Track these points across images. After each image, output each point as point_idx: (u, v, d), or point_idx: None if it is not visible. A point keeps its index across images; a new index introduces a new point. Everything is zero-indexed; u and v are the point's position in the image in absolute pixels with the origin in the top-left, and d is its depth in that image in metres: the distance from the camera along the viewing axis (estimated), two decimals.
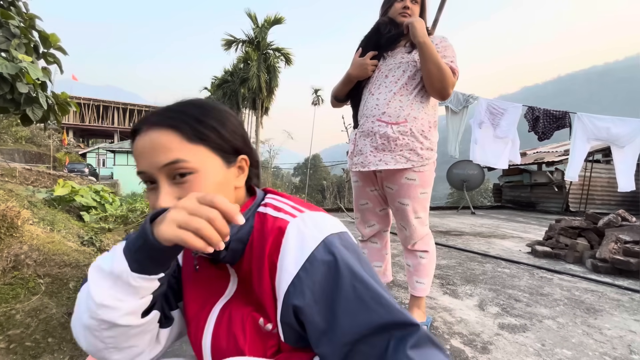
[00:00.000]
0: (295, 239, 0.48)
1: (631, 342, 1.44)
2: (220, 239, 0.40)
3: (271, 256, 0.49)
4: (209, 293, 0.56)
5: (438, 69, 1.27)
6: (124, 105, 35.91)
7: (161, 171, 0.47)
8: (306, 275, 0.45)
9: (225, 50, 21.02)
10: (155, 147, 0.47)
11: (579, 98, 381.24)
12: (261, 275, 0.49)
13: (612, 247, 2.60)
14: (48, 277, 1.96)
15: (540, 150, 9.30)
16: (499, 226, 5.01)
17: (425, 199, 1.46)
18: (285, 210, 0.53)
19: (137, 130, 0.50)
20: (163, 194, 0.46)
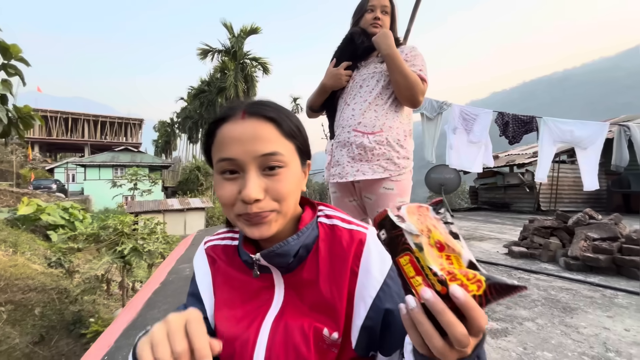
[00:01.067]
0: (375, 249, 0.52)
1: (606, 339, 1.49)
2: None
3: (353, 265, 0.51)
4: (253, 307, 0.54)
5: (404, 79, 1.29)
6: (94, 117, 34.44)
7: (255, 160, 0.47)
8: (392, 282, 0.50)
9: (201, 60, 20.75)
10: (256, 136, 0.48)
11: (543, 102, 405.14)
12: (337, 283, 0.51)
13: (582, 244, 2.72)
14: (10, 304, 1.79)
15: (512, 153, 9.73)
16: (477, 228, 5.15)
17: None
18: (352, 221, 0.56)
19: (227, 117, 0.50)
20: (253, 184, 0.46)
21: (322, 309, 0.51)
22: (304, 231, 0.53)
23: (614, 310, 1.83)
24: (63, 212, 10.47)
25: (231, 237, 0.62)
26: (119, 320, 2.11)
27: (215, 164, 0.50)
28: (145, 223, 7.03)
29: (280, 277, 0.54)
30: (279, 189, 0.48)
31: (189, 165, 30.50)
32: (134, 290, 7.34)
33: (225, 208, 0.50)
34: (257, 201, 0.47)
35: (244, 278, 0.56)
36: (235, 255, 0.59)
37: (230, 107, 0.52)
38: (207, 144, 0.53)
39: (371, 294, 0.49)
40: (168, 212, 18.25)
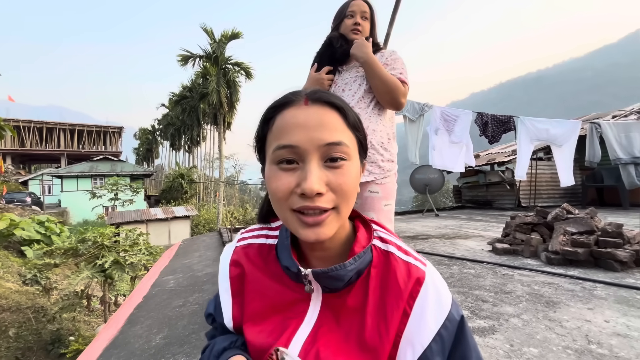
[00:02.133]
0: (433, 293, 0.47)
1: (588, 332, 1.53)
2: None
3: (406, 305, 0.46)
4: (285, 317, 0.49)
5: (383, 83, 1.31)
6: (71, 126, 33.23)
7: (319, 150, 0.44)
8: (447, 333, 0.45)
9: (181, 66, 20.41)
10: (323, 123, 0.44)
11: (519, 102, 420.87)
12: (387, 321, 0.46)
13: (561, 239, 2.81)
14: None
15: (492, 152, 10.02)
16: (462, 226, 5.25)
17: (389, 210, 1.46)
18: (409, 252, 0.52)
19: (288, 103, 0.46)
20: (315, 176, 0.42)
21: (362, 345, 0.46)
22: (361, 255, 0.48)
23: (594, 302, 1.89)
24: (38, 226, 10.01)
25: (266, 235, 0.57)
26: (99, 339, 2.01)
27: (271, 152, 0.45)
28: (127, 234, 6.81)
29: (320, 294, 0.49)
30: (341, 183, 0.44)
31: (172, 173, 29.85)
32: (116, 304, 7.07)
33: (278, 202, 0.45)
34: (318, 195, 0.42)
35: (279, 287, 0.51)
36: (271, 257, 0.53)
37: (291, 93, 0.48)
38: (262, 131, 0.49)
39: (423, 343, 0.44)
40: (151, 222, 17.77)
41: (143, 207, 22.54)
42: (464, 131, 4.11)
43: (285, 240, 0.51)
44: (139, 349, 1.72)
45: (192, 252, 4.53)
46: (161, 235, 17.36)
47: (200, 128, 31.82)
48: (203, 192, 31.34)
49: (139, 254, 6.23)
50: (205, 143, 35.59)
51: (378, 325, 0.46)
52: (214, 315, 0.58)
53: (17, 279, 7.38)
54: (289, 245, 0.49)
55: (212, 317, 0.58)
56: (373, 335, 0.45)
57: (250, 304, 0.51)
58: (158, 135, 40.21)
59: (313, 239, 0.43)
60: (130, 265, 5.83)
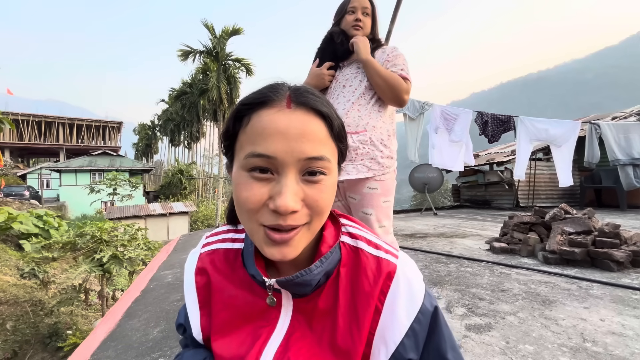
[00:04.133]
0: (405, 286, 0.45)
1: (583, 330, 1.54)
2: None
3: (379, 299, 0.44)
4: (255, 326, 0.47)
5: (384, 81, 1.31)
6: (70, 120, 33.13)
7: (298, 163, 0.39)
8: (420, 327, 0.44)
9: (182, 61, 20.32)
10: (305, 133, 0.39)
11: (520, 102, 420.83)
12: (358, 321, 0.44)
13: (558, 239, 2.82)
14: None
15: (491, 152, 10.03)
16: (460, 225, 5.27)
17: (388, 207, 1.46)
18: (380, 245, 0.49)
19: (267, 102, 0.40)
20: (291, 193, 0.38)
21: (335, 348, 0.44)
22: (328, 256, 0.45)
23: (590, 301, 1.90)
24: (37, 220, 9.99)
25: (232, 239, 0.53)
26: (96, 332, 2.02)
27: (243, 158, 0.40)
28: (126, 229, 6.81)
29: (290, 299, 0.47)
30: (318, 200, 0.40)
31: (171, 169, 29.83)
32: (114, 299, 7.08)
33: (246, 214, 0.40)
34: (292, 213, 0.39)
35: (247, 294, 0.48)
36: (237, 263, 0.50)
37: (271, 89, 0.42)
38: (233, 129, 0.43)
39: (395, 339, 0.43)
40: (150, 217, 17.77)
41: (142, 202, 22.52)
42: (464, 130, 4.11)
43: (250, 246, 0.47)
44: (137, 341, 1.72)
45: (190, 247, 4.52)
46: (159, 230, 17.36)
47: (199, 124, 31.75)
48: (202, 189, 31.32)
49: (137, 248, 6.23)
50: (204, 139, 35.54)
51: (350, 326, 0.44)
52: (184, 325, 0.55)
53: (14, 272, 7.37)
54: (252, 253, 0.46)
55: (183, 327, 0.56)
56: (345, 337, 0.44)
57: (218, 315, 0.48)
58: (157, 130, 40.11)
59: (278, 258, 0.40)
60: (128, 260, 5.83)
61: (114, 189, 17.73)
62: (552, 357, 1.31)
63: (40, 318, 6.16)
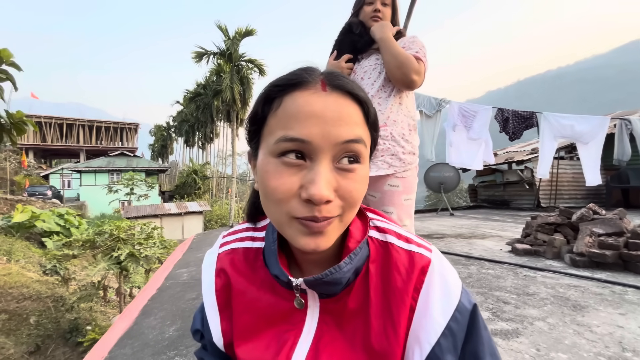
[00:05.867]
0: (439, 281, 0.42)
1: (621, 338, 1.44)
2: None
3: (413, 297, 0.42)
4: (280, 330, 0.44)
5: (394, 57, 1.24)
6: (89, 122, 34.28)
7: (333, 149, 0.36)
8: (457, 327, 0.40)
9: (196, 63, 20.66)
10: (342, 116, 0.37)
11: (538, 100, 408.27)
12: (394, 320, 0.41)
13: (587, 240, 2.68)
14: (4, 313, 1.72)
15: (510, 150, 9.72)
16: (478, 226, 5.11)
17: (409, 205, 1.40)
18: (411, 239, 0.46)
19: (300, 84, 0.38)
20: (325, 180, 0.35)
21: (370, 351, 0.41)
22: (357, 252, 0.42)
23: (626, 307, 1.78)
24: (58, 219, 10.34)
25: (251, 238, 0.50)
26: (113, 329, 2.03)
27: (274, 143, 0.37)
28: (142, 228, 6.94)
29: (317, 299, 0.44)
30: (352, 191, 0.37)
31: (186, 169, 30.37)
32: (131, 296, 7.23)
33: (276, 205, 0.37)
34: (326, 203, 0.36)
35: (270, 296, 0.45)
36: (258, 263, 0.47)
37: (304, 71, 0.39)
38: (262, 112, 0.40)
39: (430, 340, 0.40)
40: (165, 217, 18.15)
41: (157, 202, 23.03)
42: (483, 127, 3.96)
43: (272, 245, 0.44)
44: (153, 340, 1.72)
45: (205, 246, 4.56)
46: (175, 230, 17.69)
47: (213, 125, 32.19)
48: (216, 189, 31.77)
49: (153, 247, 6.34)
50: (218, 140, 36.02)
51: (384, 326, 0.41)
52: (202, 331, 0.52)
53: (37, 269, 7.64)
54: (276, 251, 0.43)
55: (200, 333, 0.52)
56: (380, 338, 0.41)
57: (240, 318, 0.46)
58: (172, 131, 40.93)
59: (312, 248, 0.37)
60: (144, 258, 5.93)
61: (131, 189, 18.16)
62: None
63: (62, 314, 6.34)
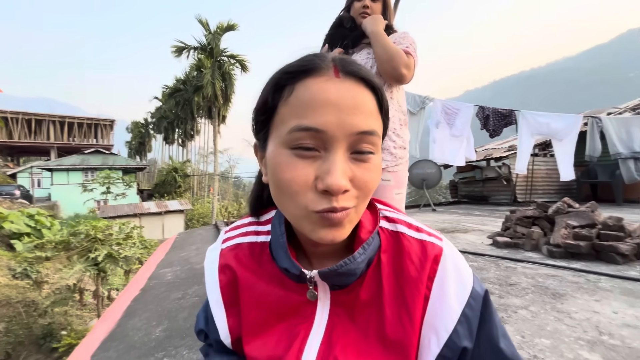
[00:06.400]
0: (453, 269, 0.42)
1: (597, 322, 1.52)
2: None
3: (427, 285, 0.42)
4: (291, 324, 0.43)
5: (385, 51, 1.25)
6: (60, 118, 32.53)
7: (348, 138, 0.36)
8: (472, 313, 0.41)
9: (175, 57, 20.06)
10: (357, 104, 0.36)
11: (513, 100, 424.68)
12: (409, 309, 0.41)
13: (563, 232, 2.81)
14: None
15: (488, 147, 10.06)
16: (460, 221, 5.26)
17: (400, 199, 1.41)
18: (422, 228, 0.46)
19: (312, 70, 0.36)
20: (341, 170, 0.35)
21: (385, 340, 0.41)
22: (370, 242, 0.42)
23: (600, 294, 1.88)
24: (28, 220, 9.78)
25: (255, 232, 0.49)
26: (95, 332, 1.94)
27: (287, 133, 0.36)
28: (121, 227, 6.69)
29: (328, 291, 0.43)
30: (368, 181, 0.37)
31: (165, 167, 29.50)
32: (109, 299, 6.96)
33: (292, 198, 0.36)
34: (343, 192, 0.35)
35: (279, 291, 0.44)
36: (265, 257, 0.46)
37: (316, 56, 0.38)
38: (272, 101, 0.38)
39: (447, 327, 0.40)
40: (145, 216, 17.58)
41: (136, 201, 22.25)
42: (465, 125, 4.08)
43: (280, 237, 0.43)
44: (139, 341, 1.66)
45: (188, 245, 4.45)
46: (155, 229, 17.17)
47: (194, 121, 31.42)
48: (197, 187, 31.07)
49: (132, 247, 6.13)
50: (199, 137, 35.22)
51: (399, 315, 0.41)
52: (206, 331, 0.51)
53: (6, 272, 7.21)
54: (285, 244, 0.42)
55: (205, 333, 0.51)
56: (395, 327, 0.41)
57: (249, 314, 0.45)
58: (151, 128, 39.63)
59: (329, 240, 0.37)
60: (124, 258, 5.73)
61: (107, 188, 17.48)
62: (570, 351, 1.28)
63: (34, 319, 6.03)
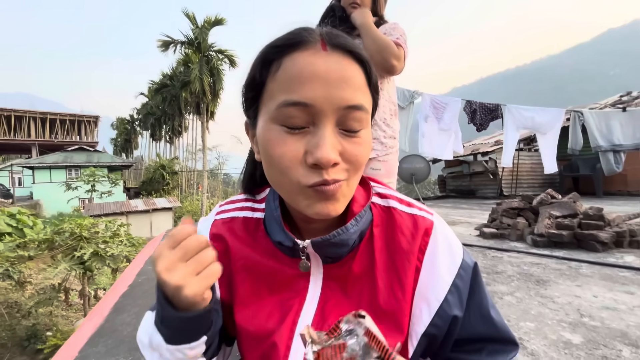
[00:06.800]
0: (444, 242, 0.44)
1: (579, 306, 1.58)
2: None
3: (418, 257, 0.43)
4: (283, 298, 0.44)
5: (374, 42, 1.26)
6: (42, 114, 31.46)
7: (337, 112, 0.35)
8: (462, 283, 0.43)
9: (162, 52, 19.62)
10: (345, 77, 0.36)
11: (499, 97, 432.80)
12: (401, 280, 0.42)
13: (546, 222, 2.90)
14: None
15: (475, 142, 10.25)
16: (448, 214, 5.35)
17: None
18: (413, 203, 0.47)
19: (299, 44, 0.36)
20: (330, 143, 0.35)
21: (378, 310, 0.41)
22: (362, 214, 0.42)
23: (581, 279, 1.95)
24: (9, 219, 9.44)
25: (251, 208, 0.49)
26: (83, 328, 1.91)
27: (275, 108, 0.35)
28: (107, 225, 6.55)
29: (320, 266, 0.44)
30: (357, 155, 0.37)
31: (152, 164, 28.92)
32: (96, 298, 6.82)
33: (283, 173, 0.36)
34: (333, 165, 0.35)
35: (272, 263, 0.44)
36: (259, 232, 0.46)
37: (304, 30, 0.37)
38: (260, 77, 0.38)
39: (438, 296, 0.41)
40: (132, 214, 17.25)
41: (122, 199, 21.78)
42: (453, 119, 4.15)
43: (274, 211, 0.43)
44: (128, 336, 1.64)
45: None
46: (142, 227, 16.85)
47: (182, 118, 30.86)
48: (185, 184, 30.62)
49: (120, 245, 6.01)
50: (187, 133, 34.62)
51: (391, 286, 0.42)
52: None
53: None
54: (279, 217, 0.43)
55: None
56: (388, 297, 0.42)
57: (242, 284, 0.45)
58: (137, 125, 38.75)
59: (325, 214, 0.37)
60: (111, 257, 5.61)
61: (92, 186, 17.03)
62: (553, 333, 1.33)
63: (17, 320, 5.87)
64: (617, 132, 3.98)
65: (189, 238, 0.34)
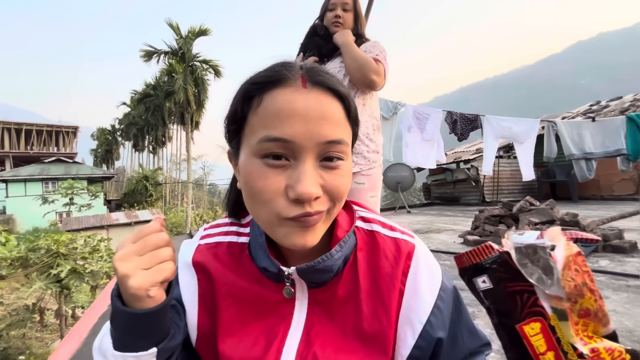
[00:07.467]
0: (425, 265, 0.45)
1: None
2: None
3: (401, 281, 0.44)
4: (268, 324, 0.44)
5: (354, 60, 1.31)
6: (17, 125, 30.30)
7: (317, 148, 0.37)
8: (443, 304, 0.44)
9: (145, 62, 19.38)
10: (325, 115, 0.37)
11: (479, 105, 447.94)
12: (385, 304, 0.43)
13: (526, 229, 3.00)
14: None
15: (457, 150, 10.55)
16: (433, 221, 5.45)
17: (375, 202, 1.46)
18: (395, 227, 0.49)
19: (280, 81, 0.37)
20: (311, 178, 0.36)
21: (362, 335, 0.42)
22: (347, 240, 0.43)
23: None
24: None
25: (236, 232, 0.49)
26: (58, 354, 1.82)
27: (256, 143, 0.36)
28: (86, 240, 6.30)
29: (305, 291, 0.44)
30: (338, 187, 0.38)
31: (135, 176, 28.18)
32: (74, 317, 6.50)
33: (264, 206, 0.37)
34: (315, 199, 0.36)
35: (257, 289, 0.45)
36: (244, 257, 0.47)
37: (284, 66, 0.38)
38: (242, 111, 0.39)
39: (421, 319, 0.42)
40: (113, 227, 16.65)
41: (103, 212, 21.05)
42: (435, 129, 4.28)
43: (259, 237, 0.44)
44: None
45: None
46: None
47: (165, 128, 30.36)
48: (170, 195, 29.94)
49: (100, 261, 5.79)
50: (171, 144, 34.05)
51: (375, 310, 0.43)
52: None
53: None
54: (264, 243, 0.43)
55: None
56: (372, 321, 0.42)
57: (226, 312, 0.44)
58: (119, 135, 37.84)
59: (301, 245, 0.38)
60: (90, 274, 5.39)
61: (70, 199, 16.40)
62: None
63: None
64: (588, 141, 4.20)
65: (150, 235, 0.37)
